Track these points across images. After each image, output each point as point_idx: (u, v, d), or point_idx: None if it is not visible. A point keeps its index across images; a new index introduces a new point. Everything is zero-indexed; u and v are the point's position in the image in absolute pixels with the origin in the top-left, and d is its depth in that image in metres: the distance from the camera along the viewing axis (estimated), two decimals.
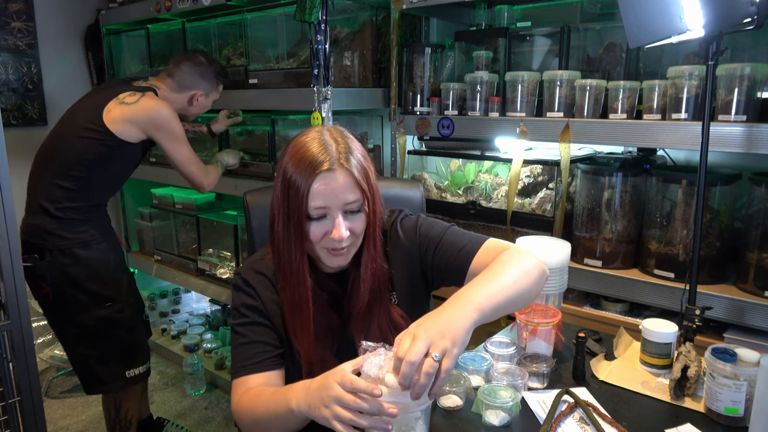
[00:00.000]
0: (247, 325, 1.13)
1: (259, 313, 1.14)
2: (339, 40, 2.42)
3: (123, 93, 1.96)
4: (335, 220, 1.06)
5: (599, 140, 1.85)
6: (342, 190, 1.05)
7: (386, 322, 1.15)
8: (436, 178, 2.46)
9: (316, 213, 1.06)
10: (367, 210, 1.10)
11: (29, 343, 1.34)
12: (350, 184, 1.06)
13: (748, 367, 1.07)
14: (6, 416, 1.35)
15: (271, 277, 1.17)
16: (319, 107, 2.15)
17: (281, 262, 1.13)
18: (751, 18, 1.24)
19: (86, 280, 1.93)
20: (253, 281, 1.16)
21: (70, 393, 2.93)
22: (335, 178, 1.05)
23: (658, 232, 1.79)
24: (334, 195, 1.05)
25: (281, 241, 1.11)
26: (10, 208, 1.28)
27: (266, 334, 1.13)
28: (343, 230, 1.06)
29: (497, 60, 2.18)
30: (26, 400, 1.35)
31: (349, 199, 1.06)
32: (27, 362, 1.34)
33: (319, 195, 1.05)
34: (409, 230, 1.22)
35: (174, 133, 2.02)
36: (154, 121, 1.96)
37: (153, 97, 2.01)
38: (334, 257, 1.11)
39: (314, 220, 1.07)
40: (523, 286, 1.02)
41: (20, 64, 3.18)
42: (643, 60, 1.92)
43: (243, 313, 1.14)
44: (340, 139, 1.09)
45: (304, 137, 1.10)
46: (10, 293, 1.30)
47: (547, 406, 1.14)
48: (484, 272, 1.03)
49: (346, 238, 1.07)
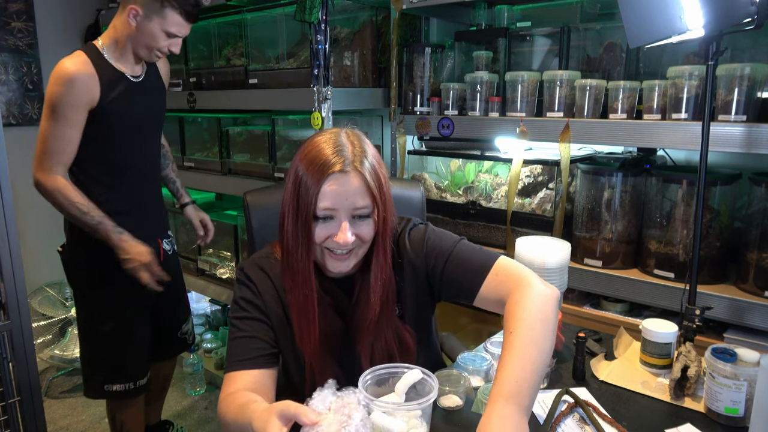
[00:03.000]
0: (245, 319, 1.12)
1: (258, 310, 1.13)
2: (339, 40, 2.42)
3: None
4: (341, 224, 1.04)
5: (599, 140, 1.85)
6: (352, 193, 1.03)
7: (393, 336, 1.13)
8: (436, 178, 2.46)
9: (323, 213, 1.04)
10: (377, 219, 1.07)
11: (29, 343, 1.34)
12: (362, 189, 1.04)
13: (748, 367, 1.07)
14: (6, 416, 1.35)
15: (273, 276, 1.15)
16: (319, 107, 2.15)
17: (289, 262, 1.10)
18: (751, 18, 1.24)
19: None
20: (255, 277, 1.15)
21: (70, 393, 2.93)
22: (347, 181, 1.03)
23: (658, 232, 1.79)
24: (343, 198, 1.03)
25: (290, 240, 1.09)
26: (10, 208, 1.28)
27: (263, 331, 1.12)
28: (349, 235, 1.04)
29: (497, 60, 2.18)
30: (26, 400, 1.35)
31: (359, 204, 1.04)
32: (27, 362, 1.34)
33: (328, 196, 1.02)
34: (417, 242, 1.18)
35: (48, 95, 1.70)
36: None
37: (73, 55, 1.75)
38: (336, 261, 1.09)
39: (320, 221, 1.05)
40: (549, 345, 0.96)
41: (20, 64, 3.18)
42: (643, 60, 1.92)
43: (242, 307, 1.14)
44: (357, 142, 1.07)
45: (319, 137, 1.08)
46: (10, 293, 1.30)
47: (547, 406, 1.14)
48: (513, 354, 0.92)
49: (351, 243, 1.05)
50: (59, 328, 3.13)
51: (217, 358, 3.05)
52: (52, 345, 3.04)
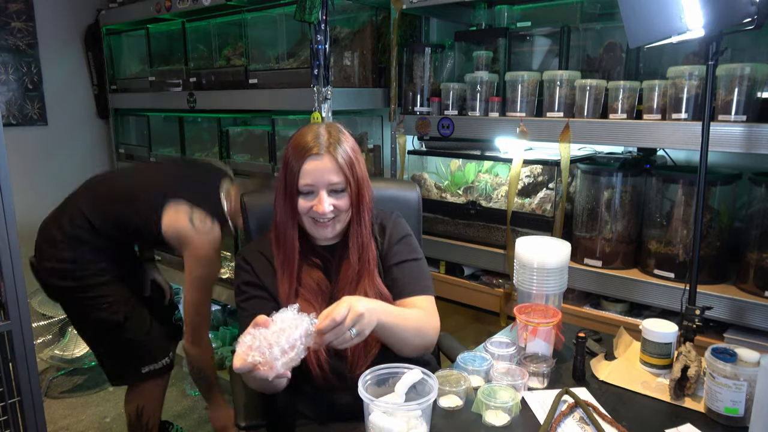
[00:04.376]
0: (248, 299, 1.31)
1: (255, 287, 1.32)
2: (339, 40, 2.42)
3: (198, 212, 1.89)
4: (320, 195, 1.25)
5: (599, 140, 1.85)
6: (327, 171, 1.25)
7: (374, 293, 1.30)
8: (436, 178, 2.46)
9: (304, 188, 1.26)
10: (350, 192, 1.28)
11: (29, 343, 1.34)
12: (334, 168, 1.25)
13: (748, 367, 1.07)
14: (6, 416, 1.35)
15: (268, 255, 1.34)
16: (319, 107, 2.15)
17: (278, 230, 1.32)
18: (751, 18, 1.23)
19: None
20: (249, 258, 1.34)
21: (70, 393, 2.93)
22: (322, 161, 1.24)
23: (658, 232, 1.79)
24: (320, 175, 1.24)
25: (279, 212, 1.31)
26: (10, 208, 1.28)
27: (264, 305, 1.27)
28: (326, 205, 1.25)
29: (497, 60, 2.18)
30: (26, 400, 1.35)
31: (333, 180, 1.25)
32: (27, 362, 1.34)
33: (307, 174, 1.25)
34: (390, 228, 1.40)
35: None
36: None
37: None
38: (320, 228, 1.29)
39: (303, 195, 1.27)
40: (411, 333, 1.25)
41: (20, 64, 3.18)
42: (643, 60, 1.92)
43: (243, 290, 1.32)
44: (333, 132, 1.29)
45: (304, 128, 1.31)
46: (10, 293, 1.30)
47: (547, 406, 1.14)
48: (403, 308, 1.28)
49: (329, 212, 1.26)
50: (59, 328, 3.13)
51: (218, 358, 3.04)
52: (52, 345, 3.04)
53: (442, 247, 2.23)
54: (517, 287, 1.44)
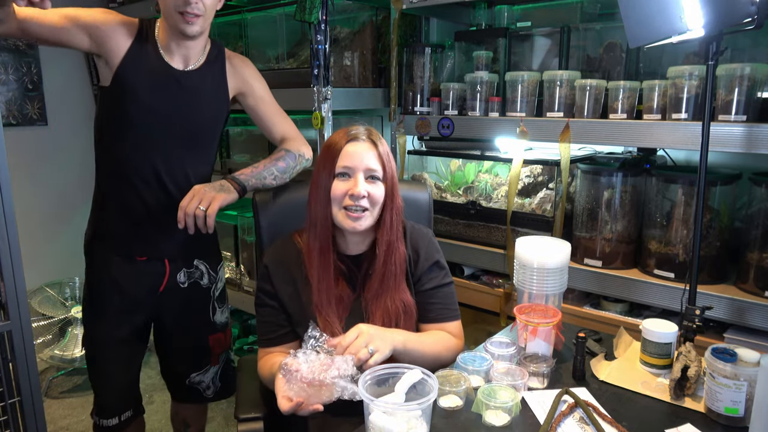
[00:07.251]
0: (262, 306, 1.37)
1: (269, 297, 1.35)
2: (339, 40, 2.42)
3: None
4: (356, 179, 1.26)
5: (599, 140, 1.85)
6: (366, 156, 1.28)
7: (399, 302, 1.32)
8: (436, 178, 2.46)
9: (342, 170, 1.27)
10: (386, 184, 1.30)
11: (29, 343, 1.34)
12: (374, 155, 1.29)
13: (748, 367, 1.07)
14: (6, 416, 1.34)
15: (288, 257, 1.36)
16: (319, 107, 2.15)
17: (311, 216, 1.32)
18: (751, 18, 1.24)
19: None
20: (270, 264, 1.37)
21: (70, 393, 2.93)
22: (364, 146, 1.29)
23: (658, 232, 1.79)
24: (359, 158, 1.27)
25: (313, 198, 1.32)
26: (10, 208, 1.28)
27: (275, 315, 1.35)
28: (362, 187, 1.25)
29: (497, 60, 2.18)
30: (26, 400, 1.35)
31: (372, 166, 1.28)
32: (27, 362, 1.34)
33: (347, 156, 1.27)
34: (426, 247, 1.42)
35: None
36: None
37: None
38: (351, 220, 1.27)
39: (340, 177, 1.28)
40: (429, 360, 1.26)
41: (20, 64, 3.18)
42: (643, 60, 1.92)
43: (259, 296, 1.38)
44: (374, 131, 1.35)
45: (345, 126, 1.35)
46: (10, 293, 1.30)
47: (547, 406, 1.14)
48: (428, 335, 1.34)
49: (363, 195, 1.26)
50: (59, 328, 3.13)
51: None
52: (52, 345, 3.04)
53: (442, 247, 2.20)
54: (517, 287, 1.44)
